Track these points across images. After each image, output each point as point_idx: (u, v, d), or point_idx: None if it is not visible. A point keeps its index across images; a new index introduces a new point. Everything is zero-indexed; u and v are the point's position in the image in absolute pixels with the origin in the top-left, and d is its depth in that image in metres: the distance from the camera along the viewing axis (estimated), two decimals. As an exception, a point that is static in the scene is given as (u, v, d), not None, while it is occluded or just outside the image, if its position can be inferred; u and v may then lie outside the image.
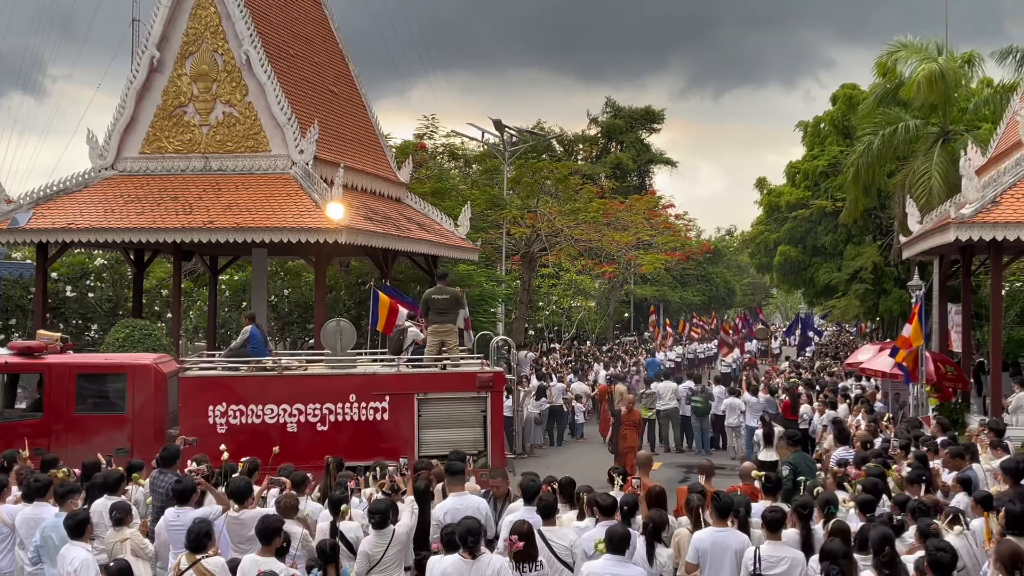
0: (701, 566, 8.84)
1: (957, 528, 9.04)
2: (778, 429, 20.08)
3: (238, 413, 15.93)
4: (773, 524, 8.83)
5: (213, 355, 18.49)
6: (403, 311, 20.21)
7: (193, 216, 20.93)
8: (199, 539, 8.55)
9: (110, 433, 15.50)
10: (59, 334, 17.95)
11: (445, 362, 16.74)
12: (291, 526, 9.60)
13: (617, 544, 8.33)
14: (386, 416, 15.97)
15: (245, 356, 17.06)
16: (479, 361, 17.77)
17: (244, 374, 16.49)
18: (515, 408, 18.79)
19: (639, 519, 9.71)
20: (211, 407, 15.87)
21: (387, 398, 15.99)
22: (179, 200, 21.45)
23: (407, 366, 16.85)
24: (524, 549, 8.51)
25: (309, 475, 11.54)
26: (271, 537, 8.57)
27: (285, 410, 15.94)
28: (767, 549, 8.69)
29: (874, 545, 8.06)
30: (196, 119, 22.50)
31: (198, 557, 8.45)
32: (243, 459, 12.25)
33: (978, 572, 9.00)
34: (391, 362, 17.14)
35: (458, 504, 10.21)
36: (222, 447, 13.05)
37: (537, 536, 8.89)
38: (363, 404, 15.99)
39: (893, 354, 20.05)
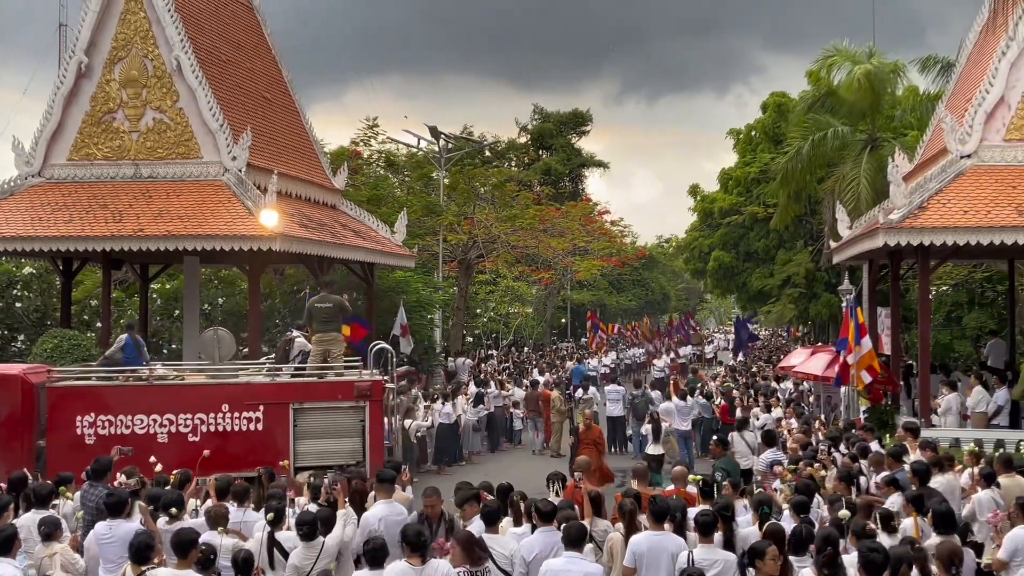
0: (638, 569, 8.89)
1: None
2: (665, 425, 21.34)
3: (107, 423, 15.68)
4: (705, 527, 8.93)
5: (87, 365, 18.08)
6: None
7: (123, 224, 20.54)
8: (141, 551, 8.40)
9: None
10: None
11: (321, 371, 16.49)
12: (216, 537, 9.47)
13: (575, 541, 8.39)
14: (260, 426, 15.74)
15: (120, 365, 16.74)
16: (359, 369, 17.37)
17: (112, 384, 16.18)
18: (399, 419, 18.40)
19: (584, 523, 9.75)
20: (79, 417, 15.58)
21: (261, 408, 15.75)
22: (108, 208, 21.04)
23: (289, 375, 16.65)
24: (471, 554, 8.49)
25: (249, 486, 11.40)
26: (187, 550, 8.41)
27: (156, 420, 15.71)
28: (700, 552, 8.78)
29: (817, 545, 8.19)
30: (126, 125, 22.11)
31: (143, 568, 8.30)
32: (175, 471, 12.09)
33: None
34: (277, 372, 16.92)
35: (388, 511, 10.17)
36: (152, 459, 12.87)
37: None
38: (236, 414, 15.77)
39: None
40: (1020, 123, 19.30)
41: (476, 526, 9.62)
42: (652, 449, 20.37)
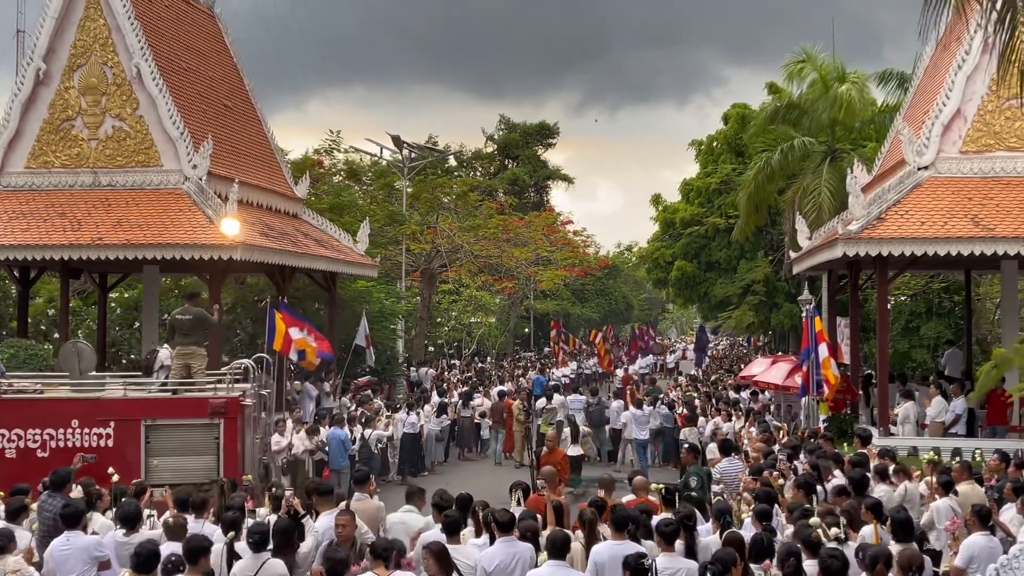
0: (599, 579, 8.89)
1: (834, 531, 9.32)
2: (584, 429, 22.70)
3: None
4: (668, 536, 8.94)
5: None
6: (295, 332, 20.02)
7: (81, 232, 20.34)
8: (148, 560, 8.35)
9: None
10: None
11: (175, 387, 16.20)
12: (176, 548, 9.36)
13: (559, 549, 8.39)
14: (111, 443, 15.44)
15: None
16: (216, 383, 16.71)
17: None
18: (262, 436, 17.63)
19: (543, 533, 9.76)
20: None
21: (112, 424, 15.49)
22: (67, 216, 20.82)
23: (151, 390, 16.43)
24: (445, 564, 8.46)
25: (208, 498, 11.29)
26: (198, 557, 8.39)
27: (3, 435, 15.44)
28: (663, 561, 8.78)
29: (780, 556, 8.23)
30: (85, 133, 21.88)
31: None
32: (133, 481, 11.97)
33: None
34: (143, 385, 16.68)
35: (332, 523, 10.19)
36: (111, 470, 12.71)
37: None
38: (86, 430, 15.45)
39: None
40: (976, 135, 19.62)
41: (433, 533, 9.66)
42: (571, 451, 21.07)
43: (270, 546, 9.26)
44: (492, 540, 9.38)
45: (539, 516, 10.19)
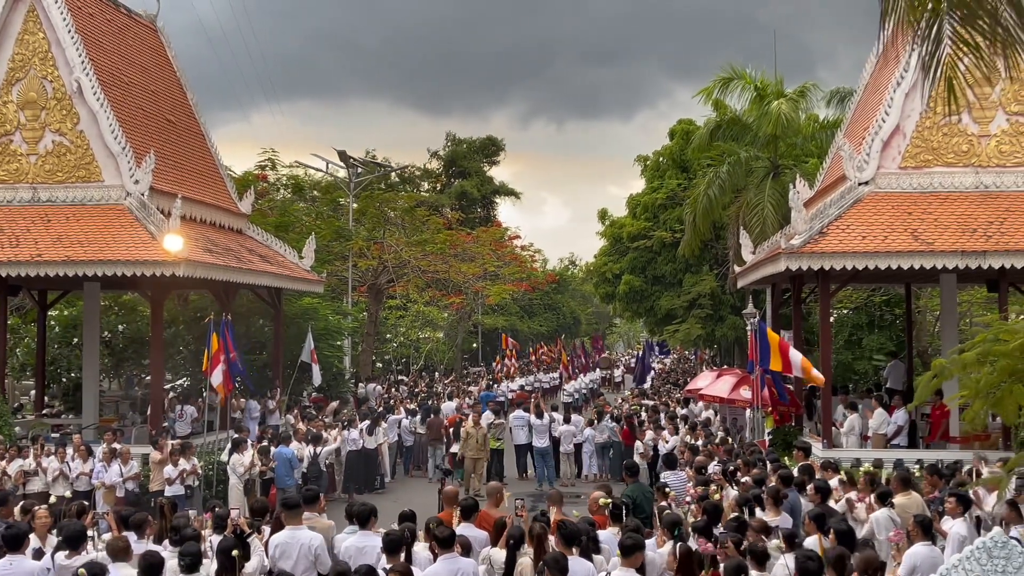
0: (547, 595, 8.84)
1: (774, 543, 9.40)
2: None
3: None
4: (627, 550, 8.78)
5: None
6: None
7: (20, 249, 20.00)
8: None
9: None
10: None
11: None
12: (122, 569, 9.20)
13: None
14: None
15: None
16: None
17: None
18: None
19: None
20: None
21: None
22: (5, 232, 20.47)
23: None
24: None
25: (150, 517, 11.13)
26: (157, 573, 8.41)
27: None
28: (620, 575, 8.72)
29: (728, 572, 8.25)
30: (24, 148, 21.53)
31: None
32: (73, 502, 11.77)
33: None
34: None
35: (289, 538, 10.06)
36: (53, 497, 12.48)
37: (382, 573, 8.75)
38: None
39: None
40: (915, 151, 19.97)
41: (358, 539, 9.89)
42: (370, 444, 23.39)
43: (206, 568, 9.14)
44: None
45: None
